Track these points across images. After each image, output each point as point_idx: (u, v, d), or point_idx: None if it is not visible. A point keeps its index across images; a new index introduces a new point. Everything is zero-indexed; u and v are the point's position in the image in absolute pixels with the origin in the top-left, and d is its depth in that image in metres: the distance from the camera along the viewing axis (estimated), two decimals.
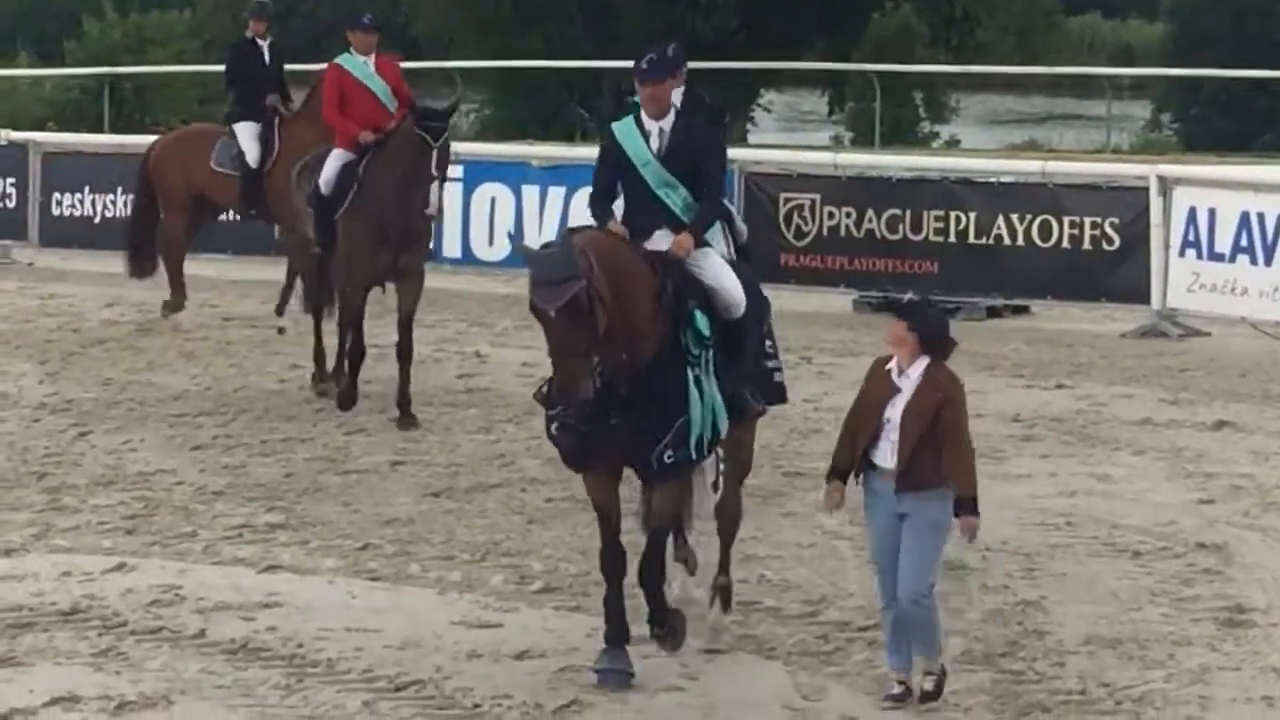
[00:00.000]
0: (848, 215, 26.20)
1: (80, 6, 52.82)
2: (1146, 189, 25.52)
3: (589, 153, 24.22)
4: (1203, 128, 49.57)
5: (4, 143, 33.10)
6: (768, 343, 13.65)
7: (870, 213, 26.19)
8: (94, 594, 15.01)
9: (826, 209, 26.10)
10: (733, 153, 21.10)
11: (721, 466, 14.20)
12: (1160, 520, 16.66)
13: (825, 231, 25.78)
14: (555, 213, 28.39)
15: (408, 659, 13.65)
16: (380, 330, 21.92)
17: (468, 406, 21.58)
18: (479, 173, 29.78)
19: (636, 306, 12.17)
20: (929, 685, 12.01)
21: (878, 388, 11.89)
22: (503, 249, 29.19)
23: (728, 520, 13.76)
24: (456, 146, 26.21)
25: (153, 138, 28.23)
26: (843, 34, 49.41)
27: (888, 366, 11.89)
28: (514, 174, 29.85)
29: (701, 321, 12.37)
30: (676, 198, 12.71)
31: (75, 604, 14.76)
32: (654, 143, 12.70)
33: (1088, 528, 16.58)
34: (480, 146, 33.43)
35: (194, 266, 28.84)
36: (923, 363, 11.78)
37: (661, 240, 12.69)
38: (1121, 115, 48.99)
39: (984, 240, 26.15)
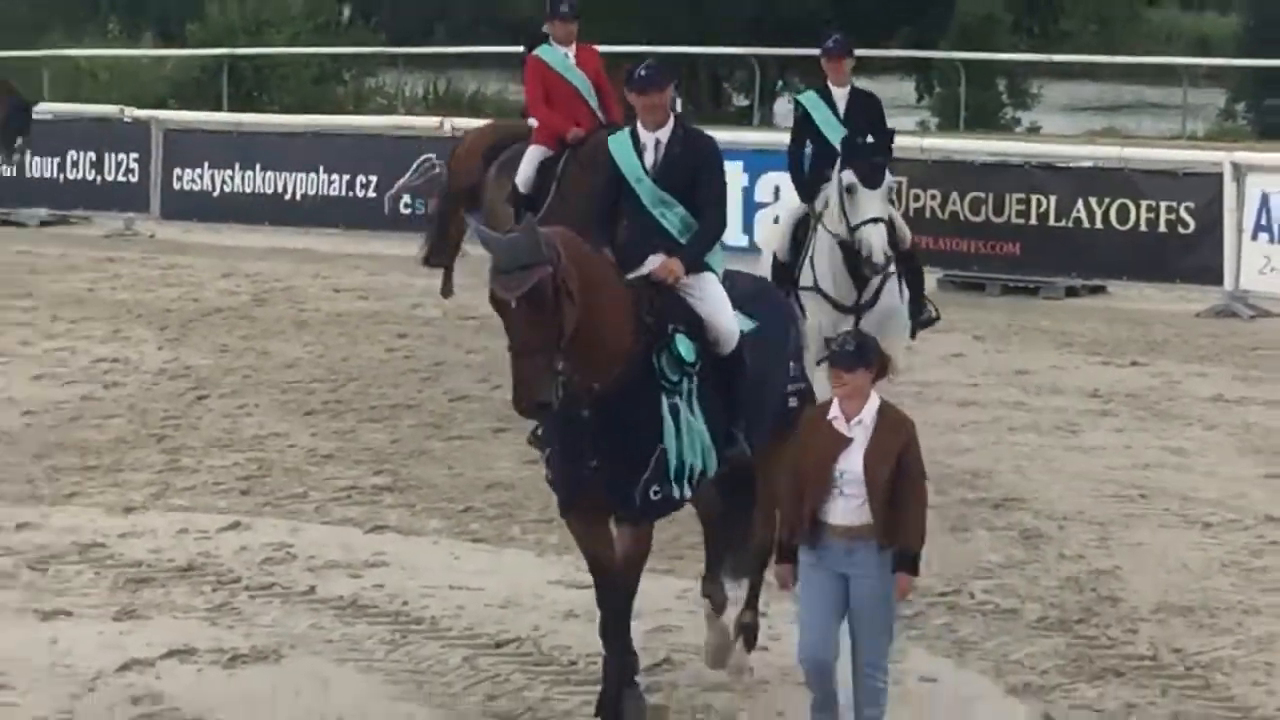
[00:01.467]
0: (933, 198, 26.21)
1: None
2: (1220, 175, 25.53)
3: None
4: (1276, 117, 49.35)
5: (128, 120, 33.35)
6: (791, 365, 12.24)
7: (955, 195, 26.22)
8: (209, 551, 15.23)
9: (913, 191, 26.08)
10: None
11: None
12: (1231, 493, 16.70)
13: (911, 213, 25.76)
14: None
15: (507, 617, 13.79)
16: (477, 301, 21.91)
17: None
18: None
19: (605, 315, 10.79)
20: None
21: (823, 442, 10.30)
22: None
23: (758, 552, 12.22)
24: None
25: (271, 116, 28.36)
26: (929, 21, 49.43)
27: (830, 417, 10.36)
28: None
29: (684, 347, 10.98)
30: (673, 217, 11.38)
31: (191, 560, 14.98)
32: (648, 157, 11.39)
33: (1160, 500, 16.60)
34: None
35: (307, 240, 29.14)
36: (874, 405, 10.34)
37: (652, 263, 11.38)
38: (1197, 104, 48.89)
39: (1064, 223, 26.16)
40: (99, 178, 32.38)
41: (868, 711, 10.38)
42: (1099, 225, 26.16)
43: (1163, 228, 25.87)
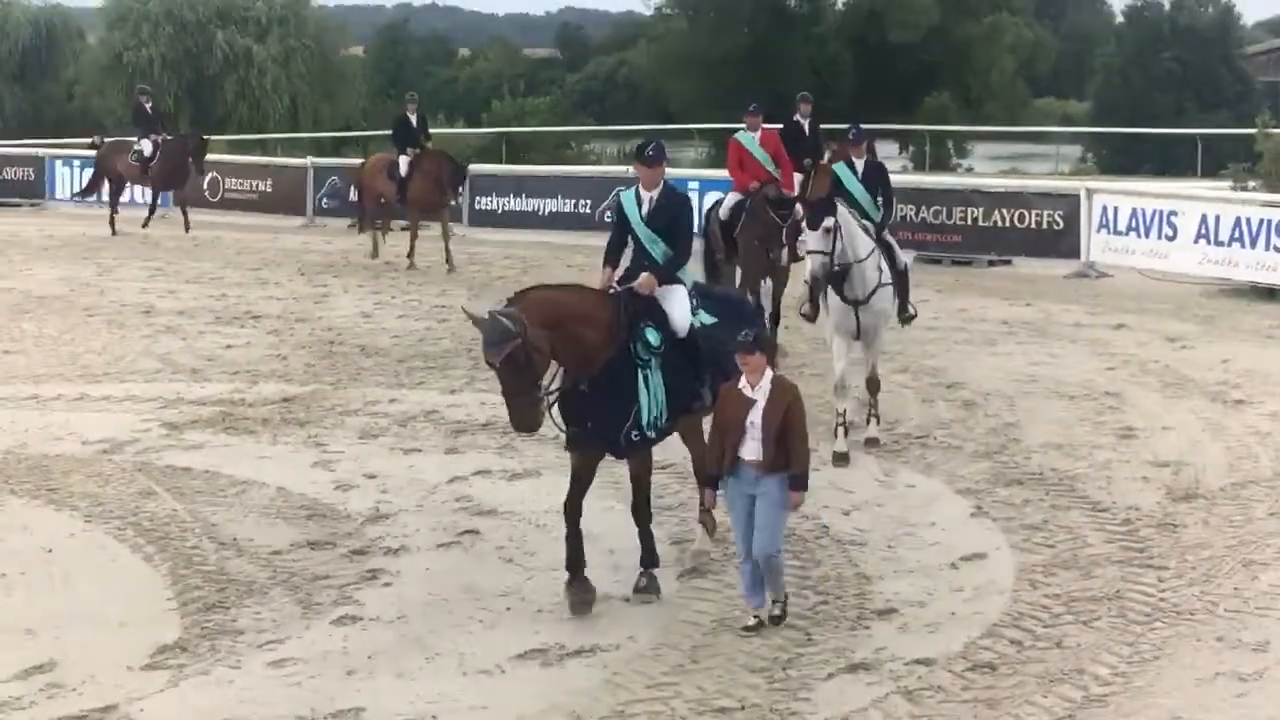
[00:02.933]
0: (913, 209, 26.10)
1: (490, 93, 53.38)
2: (1079, 195, 25.46)
3: None
4: (1109, 162, 49.18)
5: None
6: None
7: (924, 207, 26.24)
8: (499, 414, 14.99)
9: (904, 206, 25.72)
10: None
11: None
12: (1083, 378, 16.56)
13: (905, 219, 25.51)
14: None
15: (666, 451, 13.89)
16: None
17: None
18: (708, 185, 30.12)
19: (584, 336, 10.00)
20: (777, 611, 9.83)
21: (735, 404, 9.60)
22: None
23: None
24: (694, 171, 26.58)
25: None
26: (909, 107, 49.11)
27: (739, 386, 9.66)
28: (725, 185, 29.95)
29: (651, 335, 10.22)
30: (657, 250, 10.59)
31: (489, 419, 15.01)
32: (644, 209, 10.67)
33: (1043, 383, 16.48)
34: (709, 171, 33.44)
35: (550, 237, 29.17)
36: (768, 376, 9.64)
37: (642, 279, 10.53)
38: (1064, 154, 48.72)
39: (988, 223, 26.09)
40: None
41: (771, 576, 9.77)
42: (1008, 224, 26.11)
43: (1045, 225, 25.79)
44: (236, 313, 21.62)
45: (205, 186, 33.59)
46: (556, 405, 10.15)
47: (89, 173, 34.56)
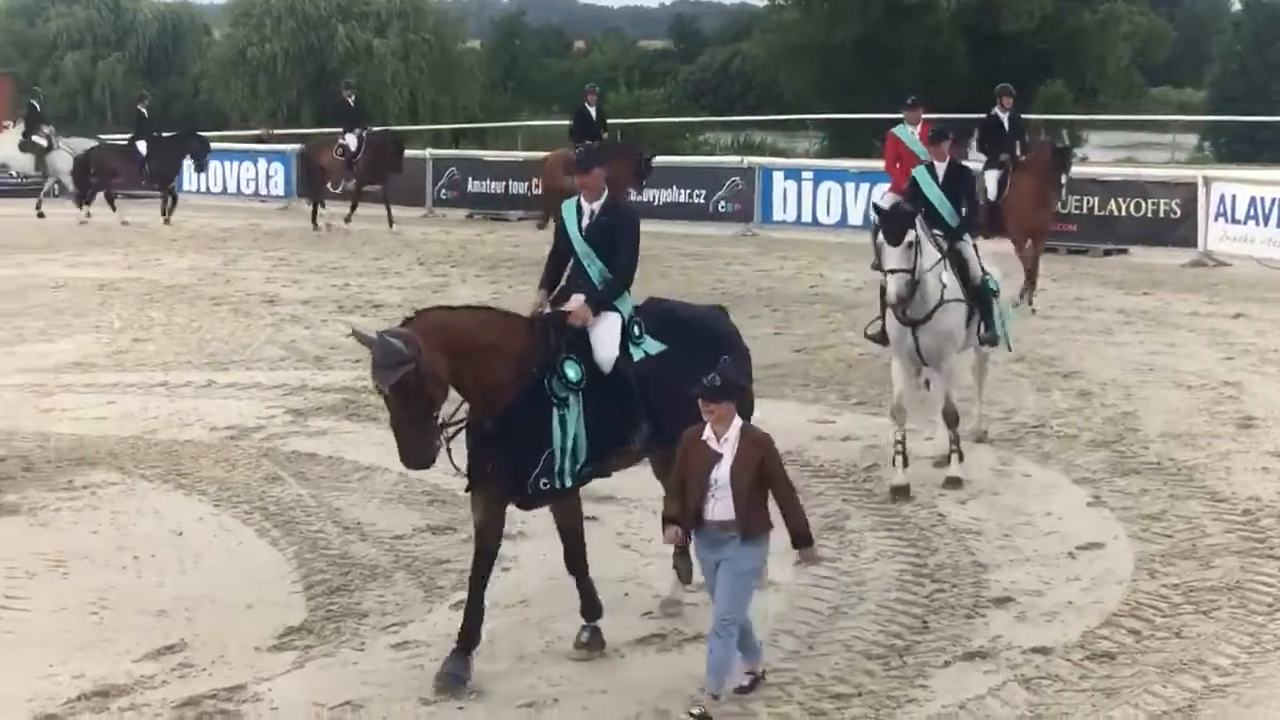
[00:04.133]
0: None
1: (605, 85, 53.46)
2: (1196, 184, 25.27)
3: (876, 165, 24.46)
4: (1226, 150, 48.45)
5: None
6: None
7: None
8: None
9: None
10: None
11: None
12: (1201, 368, 16.50)
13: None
14: (862, 195, 28.58)
15: (783, 438, 13.95)
16: (748, 253, 21.87)
17: (813, 303, 21.64)
18: (822, 175, 30.15)
19: (490, 368, 8.78)
20: (746, 683, 8.61)
21: (698, 456, 8.19)
22: (834, 215, 29.48)
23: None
24: (807, 161, 26.55)
25: None
26: (1020, 98, 48.61)
27: (704, 437, 8.19)
28: (839, 175, 30.10)
29: (571, 370, 8.93)
30: (594, 269, 9.34)
31: None
32: (584, 221, 9.39)
33: (1161, 372, 16.42)
34: (823, 161, 33.46)
35: (664, 226, 29.20)
36: (737, 425, 8.21)
37: (574, 303, 9.31)
38: (1181, 142, 47.92)
39: (1104, 212, 26.07)
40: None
41: (743, 650, 8.52)
42: (1124, 213, 25.95)
43: (1162, 214, 25.61)
44: (358, 302, 21.84)
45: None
46: (463, 441, 8.95)
47: (215, 166, 35.01)
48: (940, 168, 13.38)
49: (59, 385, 16.62)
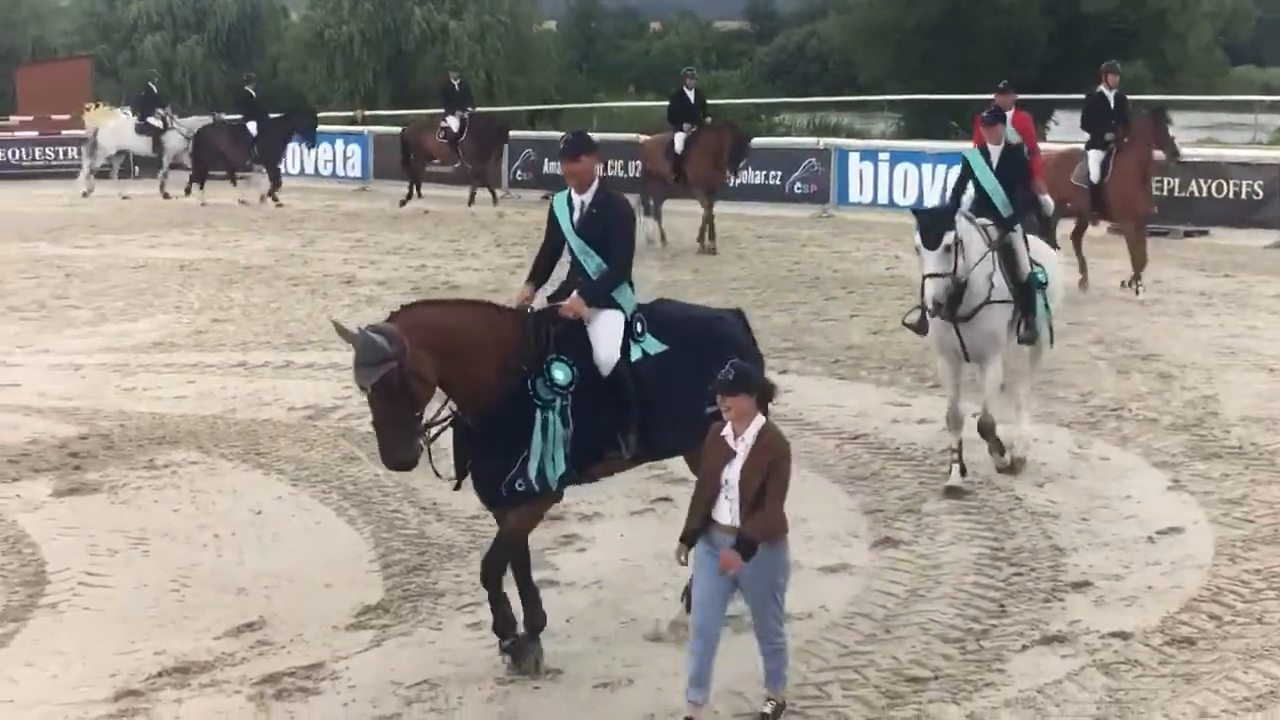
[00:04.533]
0: None
1: (680, 66, 53.25)
2: (1278, 164, 25.00)
3: (952, 146, 24.28)
4: None
5: (642, 141, 33.25)
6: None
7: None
8: None
9: None
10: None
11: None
12: None
13: None
14: (939, 177, 28.35)
15: (861, 422, 13.88)
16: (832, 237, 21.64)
17: (890, 285, 21.47)
18: (899, 156, 29.96)
19: (476, 366, 8.40)
20: (769, 709, 8.08)
21: (716, 453, 7.72)
22: (910, 196, 29.24)
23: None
24: (884, 142, 26.37)
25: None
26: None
27: (723, 433, 7.70)
28: (915, 157, 29.89)
29: (560, 372, 8.53)
30: (590, 264, 8.93)
31: None
32: (576, 215, 8.99)
33: (1242, 355, 16.25)
34: (900, 142, 33.27)
35: (742, 208, 29.12)
36: (757, 425, 7.65)
37: (570, 301, 8.88)
38: (1263, 123, 47.25)
39: (1184, 194, 25.73)
40: (624, 175, 31.83)
41: (770, 665, 8.03)
42: (1204, 195, 25.67)
43: (1244, 195, 25.32)
44: (435, 283, 21.90)
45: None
46: (451, 443, 8.67)
47: (298, 147, 35.09)
48: (994, 151, 12.68)
49: (140, 365, 16.79)
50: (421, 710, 8.25)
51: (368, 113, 36.55)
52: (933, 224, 11.43)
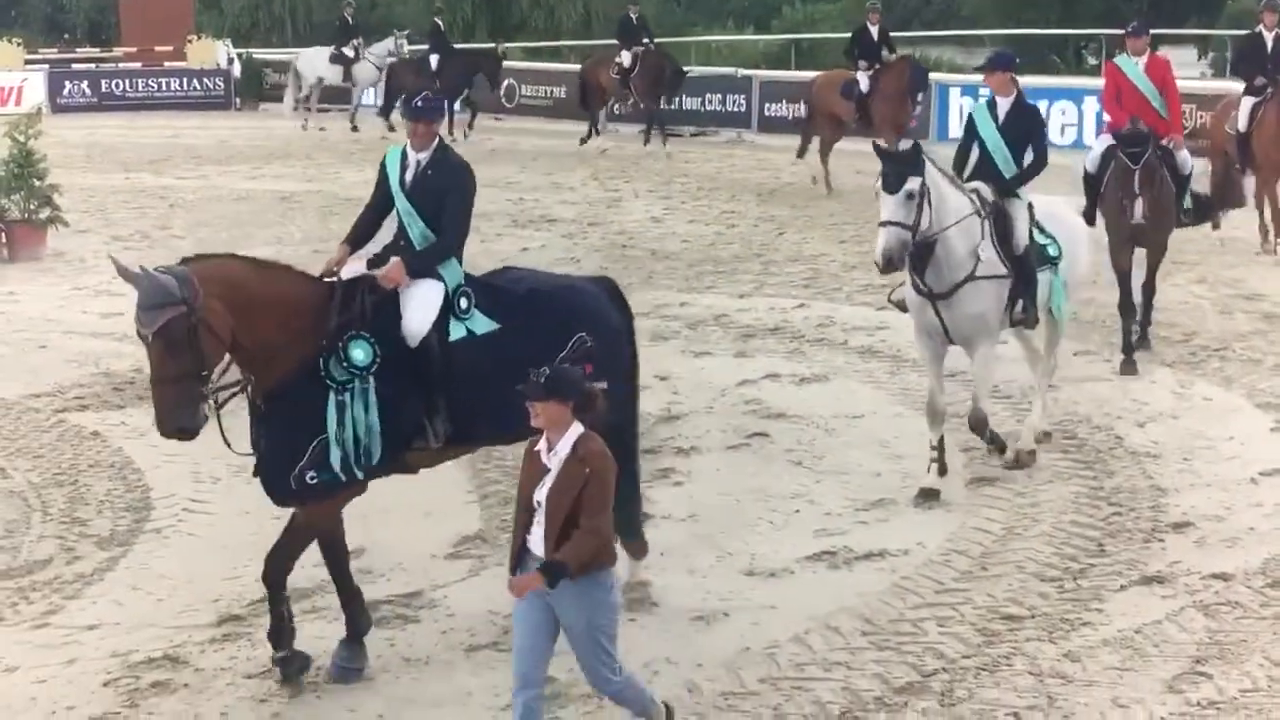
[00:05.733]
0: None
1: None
2: None
3: (1053, 82, 23.78)
4: None
5: (740, 76, 33.12)
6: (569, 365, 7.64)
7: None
8: (787, 320, 15.44)
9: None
10: None
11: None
12: None
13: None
14: (1042, 112, 27.83)
15: (957, 359, 13.80)
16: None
17: None
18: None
19: (270, 333, 7.56)
20: None
21: (529, 470, 6.70)
22: None
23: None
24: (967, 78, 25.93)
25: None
26: (1207, 11, 47.22)
27: (537, 447, 6.66)
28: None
29: (359, 351, 7.65)
30: (415, 230, 8.10)
31: (777, 324, 15.25)
32: (408, 174, 8.16)
33: None
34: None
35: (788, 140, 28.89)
36: (572, 437, 6.54)
37: (390, 265, 8.07)
38: None
39: None
40: (723, 108, 32.32)
41: (632, 714, 7.02)
42: None
43: None
44: (532, 216, 21.98)
45: (501, 93, 33.88)
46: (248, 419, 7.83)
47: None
48: (1003, 104, 10.96)
49: None
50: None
51: (507, 45, 35.87)
52: (896, 166, 10.06)
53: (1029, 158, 10.99)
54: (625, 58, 29.64)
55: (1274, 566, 9.09)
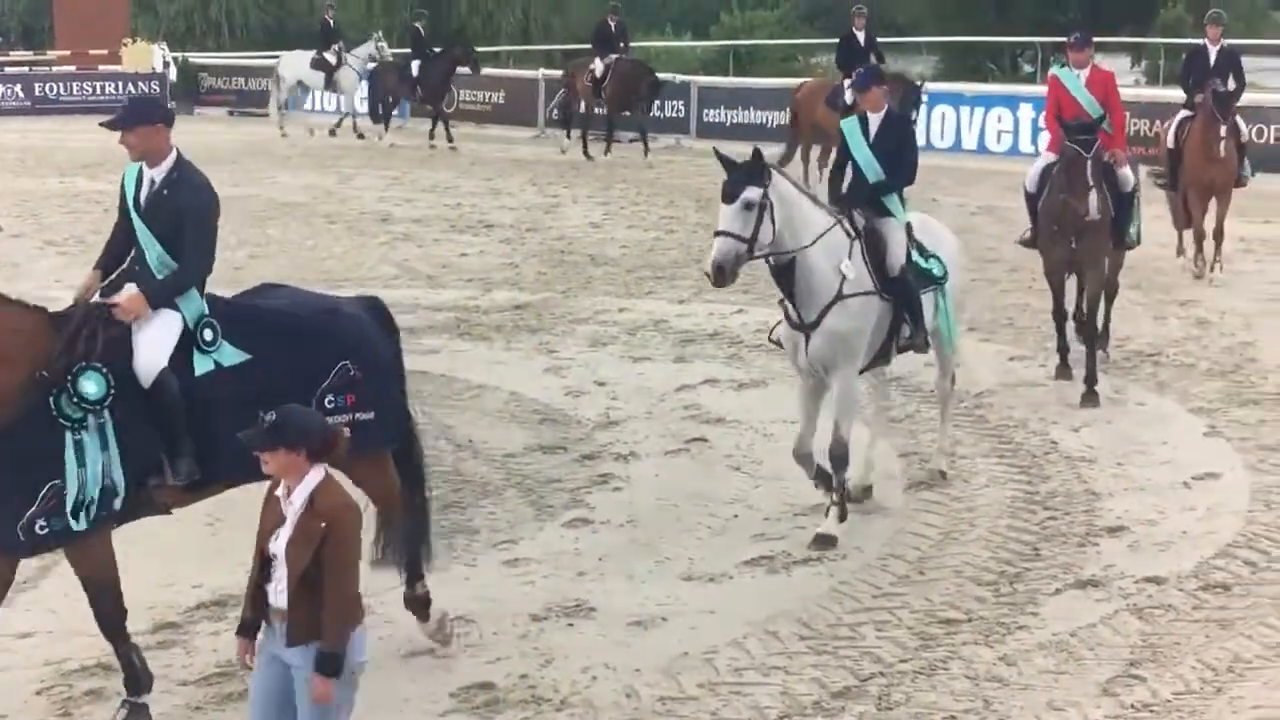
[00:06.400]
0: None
1: (718, 5, 52.81)
2: None
3: (989, 89, 23.97)
4: None
5: (678, 81, 32.79)
6: (332, 396, 7.54)
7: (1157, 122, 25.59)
8: (726, 325, 15.47)
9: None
10: None
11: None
12: None
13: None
14: (976, 120, 28.12)
15: (895, 364, 13.82)
16: None
17: None
18: (936, 98, 29.67)
19: None
20: None
21: (267, 517, 6.12)
22: (948, 139, 28.93)
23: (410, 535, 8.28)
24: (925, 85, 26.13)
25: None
26: (1140, 20, 47.63)
27: (276, 492, 6.10)
28: (953, 99, 29.68)
29: (91, 384, 6.97)
30: (152, 254, 7.42)
31: (717, 329, 15.30)
32: (143, 192, 7.50)
33: None
34: (936, 84, 32.87)
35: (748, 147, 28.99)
36: (310, 484, 5.98)
37: (125, 293, 7.42)
38: None
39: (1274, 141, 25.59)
40: (661, 114, 31.87)
41: None
42: (1246, 139, 25.32)
43: None
44: (471, 221, 21.93)
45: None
46: None
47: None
48: (874, 119, 10.41)
49: None
50: (456, 646, 8.28)
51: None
52: (735, 175, 9.41)
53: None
54: (598, 66, 29.05)
55: (1206, 570, 9.17)
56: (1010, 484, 10.78)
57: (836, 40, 25.32)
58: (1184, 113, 17.83)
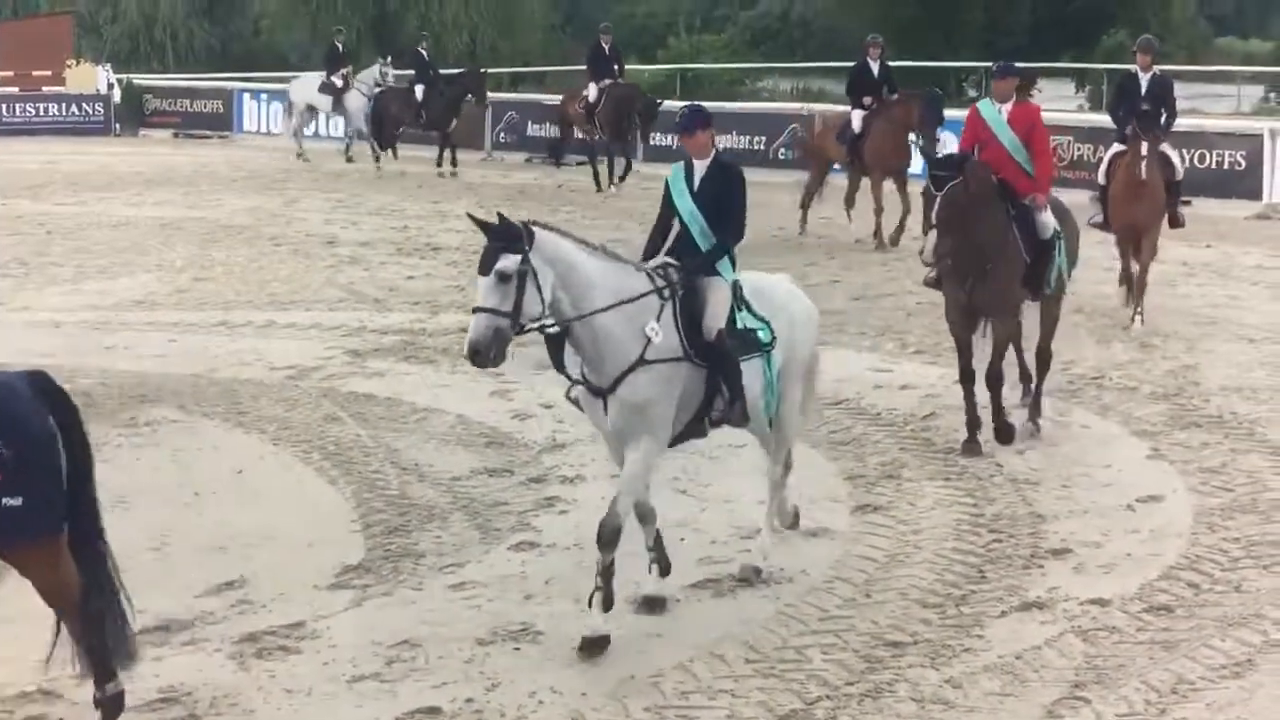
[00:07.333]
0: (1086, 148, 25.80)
1: (665, 30, 52.96)
2: (1262, 135, 25.06)
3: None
4: None
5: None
6: None
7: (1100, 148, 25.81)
8: None
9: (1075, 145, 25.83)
10: None
11: None
12: (1265, 322, 16.42)
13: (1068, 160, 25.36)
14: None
15: (840, 386, 13.80)
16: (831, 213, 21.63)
17: (872, 251, 21.51)
18: None
19: None
20: None
21: None
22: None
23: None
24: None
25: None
26: (1082, 45, 48.07)
27: None
28: None
29: None
30: None
31: None
32: None
33: (1224, 325, 16.30)
34: None
35: None
36: None
37: None
38: (1246, 94, 47.22)
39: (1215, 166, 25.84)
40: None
41: None
42: (1187, 165, 25.44)
43: (1226, 166, 25.35)
44: (417, 244, 21.90)
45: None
46: None
47: (275, 107, 34.74)
48: (700, 167, 9.09)
49: (121, 323, 16.76)
50: (401, 670, 8.23)
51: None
52: (491, 242, 8.23)
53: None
54: (591, 91, 28.00)
55: (1150, 592, 9.22)
56: (956, 506, 10.81)
57: (774, 65, 25.31)
58: (1116, 147, 17.03)
